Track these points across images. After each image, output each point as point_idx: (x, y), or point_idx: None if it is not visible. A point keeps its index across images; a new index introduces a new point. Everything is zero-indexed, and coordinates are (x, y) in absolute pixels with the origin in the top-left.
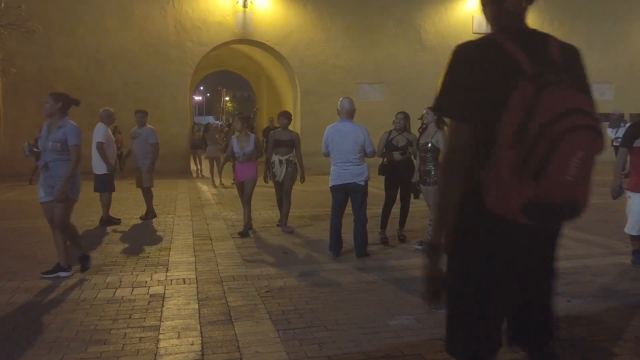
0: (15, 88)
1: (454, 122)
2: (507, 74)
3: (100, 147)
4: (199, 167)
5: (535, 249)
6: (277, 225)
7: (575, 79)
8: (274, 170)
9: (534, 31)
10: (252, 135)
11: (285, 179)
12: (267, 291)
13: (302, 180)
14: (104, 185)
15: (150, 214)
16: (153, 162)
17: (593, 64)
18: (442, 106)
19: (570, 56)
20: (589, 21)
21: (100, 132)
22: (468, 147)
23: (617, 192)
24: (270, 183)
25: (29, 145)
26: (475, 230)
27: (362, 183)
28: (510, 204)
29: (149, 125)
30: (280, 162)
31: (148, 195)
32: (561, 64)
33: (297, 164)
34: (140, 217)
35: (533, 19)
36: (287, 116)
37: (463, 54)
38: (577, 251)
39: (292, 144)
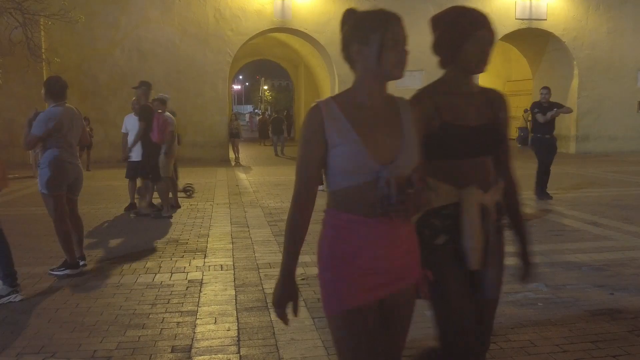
0: None
1: None
2: None
3: (122, 136)
4: (237, 155)
5: None
6: None
7: None
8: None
9: None
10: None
11: None
12: (303, 279)
13: None
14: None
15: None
16: (165, 152)
17: None
18: None
19: None
20: (638, 5)
21: (124, 123)
22: None
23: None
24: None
25: None
26: None
27: None
28: None
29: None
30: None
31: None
32: None
33: None
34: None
35: (578, 6)
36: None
37: None
38: (622, 243)
39: (503, 139)
